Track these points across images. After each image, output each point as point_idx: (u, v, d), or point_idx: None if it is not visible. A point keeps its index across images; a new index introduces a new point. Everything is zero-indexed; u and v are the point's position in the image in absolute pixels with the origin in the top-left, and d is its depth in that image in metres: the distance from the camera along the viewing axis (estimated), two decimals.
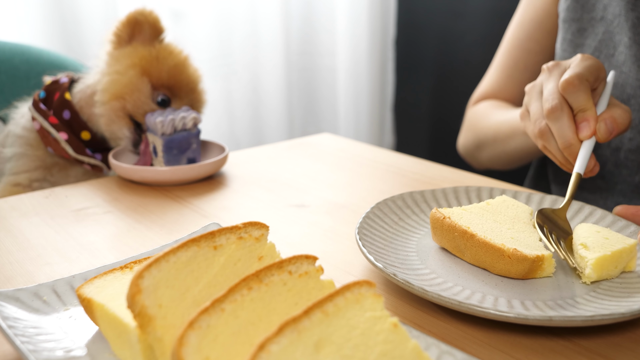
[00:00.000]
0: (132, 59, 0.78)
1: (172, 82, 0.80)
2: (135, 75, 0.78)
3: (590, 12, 0.82)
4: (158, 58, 0.79)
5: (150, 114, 0.77)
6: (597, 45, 0.80)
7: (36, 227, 0.62)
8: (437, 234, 0.53)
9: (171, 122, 0.75)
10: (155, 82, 0.79)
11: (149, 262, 0.36)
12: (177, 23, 1.67)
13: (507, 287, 0.47)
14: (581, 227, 0.52)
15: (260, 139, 1.92)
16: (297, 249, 0.57)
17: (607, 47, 0.79)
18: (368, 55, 2.11)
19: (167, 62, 0.80)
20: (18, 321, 0.40)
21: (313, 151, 0.92)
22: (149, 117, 0.77)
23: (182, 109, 0.78)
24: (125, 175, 0.75)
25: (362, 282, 0.35)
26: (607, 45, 0.79)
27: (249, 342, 0.33)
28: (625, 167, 0.78)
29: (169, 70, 0.80)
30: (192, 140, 0.78)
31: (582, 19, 0.83)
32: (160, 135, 0.75)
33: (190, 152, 0.78)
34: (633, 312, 0.41)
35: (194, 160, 0.79)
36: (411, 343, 0.33)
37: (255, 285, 0.35)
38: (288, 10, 1.90)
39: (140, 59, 0.78)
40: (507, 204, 0.55)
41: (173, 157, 0.76)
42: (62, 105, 0.81)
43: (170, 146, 0.76)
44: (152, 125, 0.76)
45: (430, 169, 0.82)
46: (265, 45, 1.88)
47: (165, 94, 0.80)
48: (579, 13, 0.83)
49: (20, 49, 1.10)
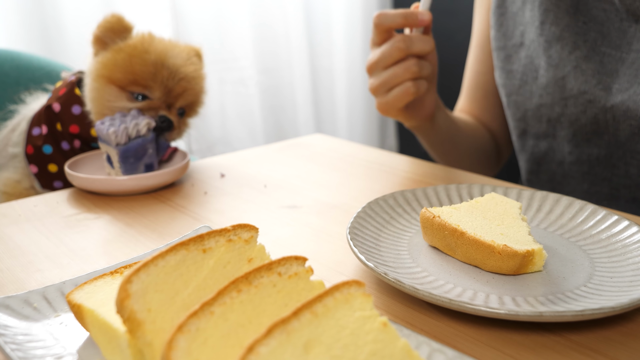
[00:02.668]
0: (95, 72, 0.78)
1: (143, 78, 0.78)
2: (100, 88, 0.77)
3: (511, 39, 0.86)
4: (116, 61, 0.77)
5: (100, 123, 0.74)
6: (523, 70, 0.85)
7: (27, 234, 0.61)
8: (428, 233, 0.53)
9: (125, 130, 0.73)
10: (124, 84, 0.77)
11: (138, 266, 0.36)
12: (178, 23, 1.66)
13: (498, 283, 0.47)
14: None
15: (258, 140, 1.92)
16: (288, 249, 0.57)
17: (531, 70, 0.83)
18: (367, 56, 2.10)
19: (132, 61, 0.77)
20: (8, 328, 0.40)
21: (305, 152, 0.92)
22: (100, 127, 0.74)
23: (130, 114, 0.76)
24: (82, 186, 0.72)
25: (351, 282, 0.35)
26: (530, 69, 0.84)
27: (238, 345, 0.33)
28: (572, 177, 0.84)
29: (137, 69, 0.77)
30: (147, 146, 0.76)
31: (507, 46, 0.87)
32: (114, 146, 0.73)
33: (147, 158, 0.76)
34: (623, 305, 0.41)
35: (152, 165, 0.77)
36: (401, 342, 0.33)
37: (244, 288, 0.35)
38: (305, 10, 1.88)
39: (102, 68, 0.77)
40: (496, 201, 0.55)
41: (130, 166, 0.74)
42: (71, 100, 0.81)
43: (126, 155, 0.73)
44: (105, 136, 0.73)
45: (422, 167, 0.82)
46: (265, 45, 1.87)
47: (140, 92, 0.78)
48: (503, 41, 0.87)
49: (10, 55, 1.10)
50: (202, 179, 0.79)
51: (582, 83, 0.77)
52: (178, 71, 0.79)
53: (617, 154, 0.78)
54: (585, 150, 0.81)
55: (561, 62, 0.79)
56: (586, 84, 0.77)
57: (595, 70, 0.76)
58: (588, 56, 0.77)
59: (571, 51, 0.78)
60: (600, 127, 0.78)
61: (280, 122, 1.95)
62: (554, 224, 0.59)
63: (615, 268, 0.49)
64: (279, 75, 1.91)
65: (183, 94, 0.81)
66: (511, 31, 0.86)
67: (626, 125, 0.75)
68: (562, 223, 0.58)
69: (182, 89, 0.80)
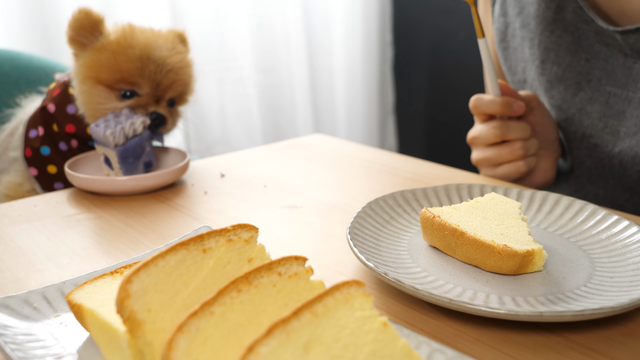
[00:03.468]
0: (82, 74, 0.77)
1: (130, 75, 0.76)
2: (89, 91, 0.77)
3: (515, 74, 0.86)
4: (100, 61, 0.76)
5: (95, 126, 0.74)
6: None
7: (27, 234, 0.61)
8: (428, 233, 0.53)
9: (121, 131, 0.72)
10: (112, 84, 0.76)
11: (138, 266, 0.36)
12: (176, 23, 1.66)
13: (498, 283, 0.47)
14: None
15: (257, 140, 1.92)
16: (288, 249, 0.57)
17: None
18: (366, 56, 2.10)
19: (117, 59, 0.76)
20: (8, 329, 0.40)
21: (305, 152, 0.92)
22: (95, 130, 0.73)
23: (123, 114, 0.75)
24: (82, 186, 0.72)
25: (351, 282, 0.35)
26: None
27: (238, 345, 0.33)
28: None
29: (123, 66, 0.76)
30: (145, 145, 0.76)
31: (513, 81, 0.87)
32: (113, 147, 0.73)
33: (145, 157, 0.76)
34: (623, 305, 0.41)
35: (150, 163, 0.77)
36: (401, 342, 0.33)
37: (244, 288, 0.35)
38: (305, 10, 1.88)
39: (88, 69, 0.76)
40: (496, 201, 0.55)
41: (130, 166, 0.74)
42: (65, 100, 0.81)
43: (125, 155, 0.73)
44: (102, 139, 0.73)
45: (422, 167, 0.82)
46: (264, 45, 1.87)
47: (128, 89, 0.77)
48: (509, 76, 0.88)
49: (10, 55, 1.10)
50: (202, 179, 0.79)
51: (588, 127, 0.75)
52: (165, 63, 0.78)
53: (624, 197, 0.77)
54: (590, 190, 0.80)
55: (564, 103, 0.77)
56: (592, 128, 0.75)
57: (602, 113, 0.74)
58: (593, 97, 0.75)
59: (575, 93, 0.76)
60: (606, 172, 0.76)
61: (279, 122, 1.95)
62: (554, 224, 0.59)
63: (615, 268, 0.49)
64: (278, 75, 1.91)
65: (172, 86, 0.80)
66: (514, 66, 0.86)
67: (634, 171, 0.73)
68: (562, 223, 0.58)
69: (171, 80, 0.79)
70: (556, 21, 0.77)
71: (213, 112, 1.79)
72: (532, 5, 0.80)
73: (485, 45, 0.71)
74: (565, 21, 0.76)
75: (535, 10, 0.79)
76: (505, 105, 0.72)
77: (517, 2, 0.83)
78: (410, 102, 2.22)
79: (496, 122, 0.73)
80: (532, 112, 0.76)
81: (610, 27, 0.71)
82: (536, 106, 0.76)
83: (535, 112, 0.76)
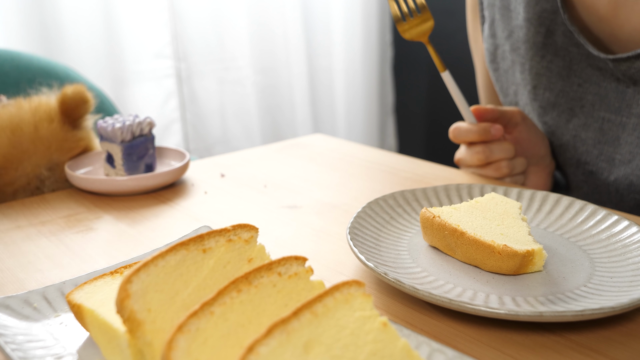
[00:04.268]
0: None
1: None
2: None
3: (507, 96, 0.86)
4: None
5: (103, 122, 0.74)
6: None
7: (27, 234, 0.61)
8: (428, 233, 0.53)
9: (129, 127, 0.73)
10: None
11: (138, 266, 0.36)
12: (175, 23, 1.66)
13: (498, 283, 0.47)
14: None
15: (256, 140, 1.92)
16: (288, 249, 0.57)
17: None
18: (366, 56, 2.10)
19: None
20: (8, 329, 0.40)
21: (305, 152, 0.92)
22: (103, 125, 0.73)
23: (127, 115, 0.76)
24: (82, 186, 0.72)
25: (351, 282, 0.35)
26: None
27: (238, 345, 0.33)
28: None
29: None
30: (149, 146, 0.76)
31: (505, 102, 0.87)
32: (119, 143, 0.73)
33: (147, 158, 0.76)
34: (623, 305, 0.41)
35: (151, 165, 0.77)
36: (401, 342, 0.33)
37: (244, 288, 0.35)
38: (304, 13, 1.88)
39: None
40: (496, 201, 0.55)
41: (133, 164, 0.74)
42: None
43: (130, 152, 0.74)
44: (110, 133, 0.73)
45: (422, 167, 0.82)
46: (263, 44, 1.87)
47: None
48: (502, 97, 0.88)
49: (10, 55, 1.10)
50: (202, 179, 0.79)
51: (583, 153, 0.75)
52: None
53: None
54: None
55: (558, 129, 0.77)
56: (587, 155, 0.75)
57: (596, 140, 0.74)
58: (587, 124, 0.74)
59: (568, 119, 0.75)
60: (603, 198, 0.76)
61: (278, 121, 1.95)
62: (554, 224, 0.59)
63: (615, 268, 0.49)
64: (277, 75, 1.91)
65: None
66: (505, 88, 0.85)
67: (630, 198, 0.72)
68: (562, 223, 0.58)
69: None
70: (546, 46, 0.76)
71: (212, 112, 1.78)
72: (521, 29, 0.79)
73: (449, 78, 0.72)
74: (555, 45, 0.75)
75: (524, 35, 0.78)
76: (482, 132, 0.73)
77: (506, 25, 0.81)
78: (410, 102, 2.22)
79: (479, 147, 0.74)
80: (517, 128, 0.76)
81: (601, 55, 0.70)
82: (520, 122, 0.76)
83: (520, 127, 0.76)
